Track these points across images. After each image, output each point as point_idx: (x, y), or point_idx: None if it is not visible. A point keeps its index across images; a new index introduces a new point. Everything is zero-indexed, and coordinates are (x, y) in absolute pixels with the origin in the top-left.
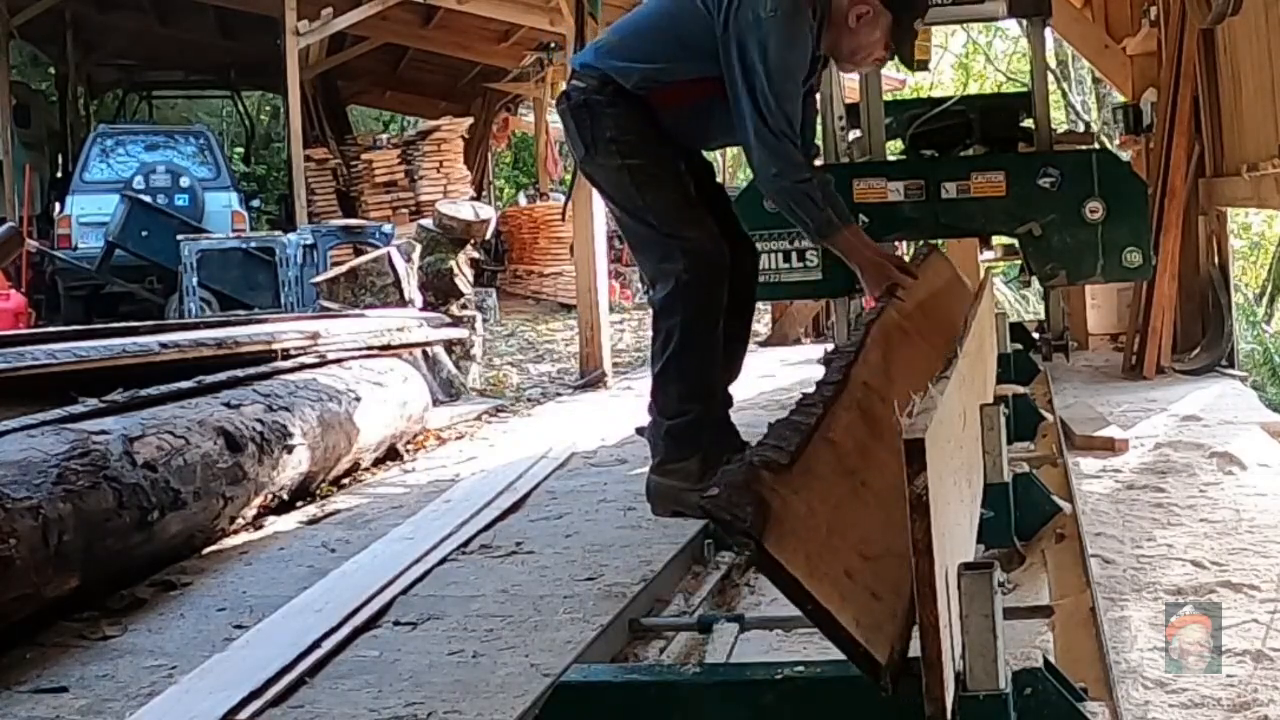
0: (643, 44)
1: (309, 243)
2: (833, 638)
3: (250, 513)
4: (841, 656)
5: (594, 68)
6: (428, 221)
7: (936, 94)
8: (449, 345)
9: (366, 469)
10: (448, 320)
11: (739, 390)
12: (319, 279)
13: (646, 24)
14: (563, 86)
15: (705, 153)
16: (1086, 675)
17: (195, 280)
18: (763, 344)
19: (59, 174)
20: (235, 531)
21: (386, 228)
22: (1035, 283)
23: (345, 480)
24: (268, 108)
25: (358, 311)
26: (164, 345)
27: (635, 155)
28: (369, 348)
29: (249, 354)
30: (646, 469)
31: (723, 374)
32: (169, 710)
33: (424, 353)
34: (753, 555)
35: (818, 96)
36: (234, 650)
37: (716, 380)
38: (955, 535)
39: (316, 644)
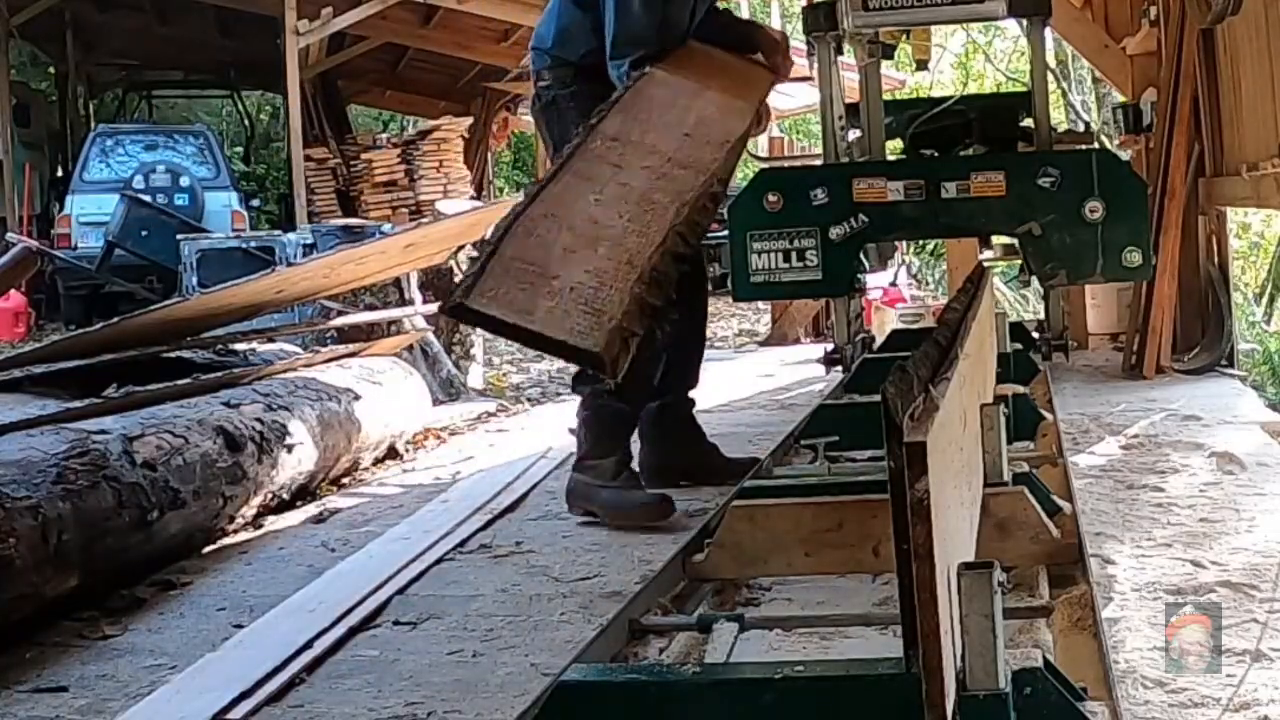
0: (565, 8)
1: (309, 242)
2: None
3: (250, 512)
4: (841, 656)
5: (544, 59)
6: (428, 221)
7: (936, 93)
8: (449, 346)
9: (366, 468)
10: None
11: (739, 390)
12: None
13: None
14: None
15: None
16: (1086, 675)
17: (195, 280)
18: (762, 344)
19: (59, 173)
20: (235, 531)
21: (386, 227)
22: (1035, 282)
23: (345, 480)
24: (268, 107)
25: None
26: None
27: None
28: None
29: None
30: None
31: (677, 380)
32: (160, 709)
33: (423, 351)
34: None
35: None
36: (227, 650)
37: (643, 381)
38: (956, 538)
39: (309, 644)
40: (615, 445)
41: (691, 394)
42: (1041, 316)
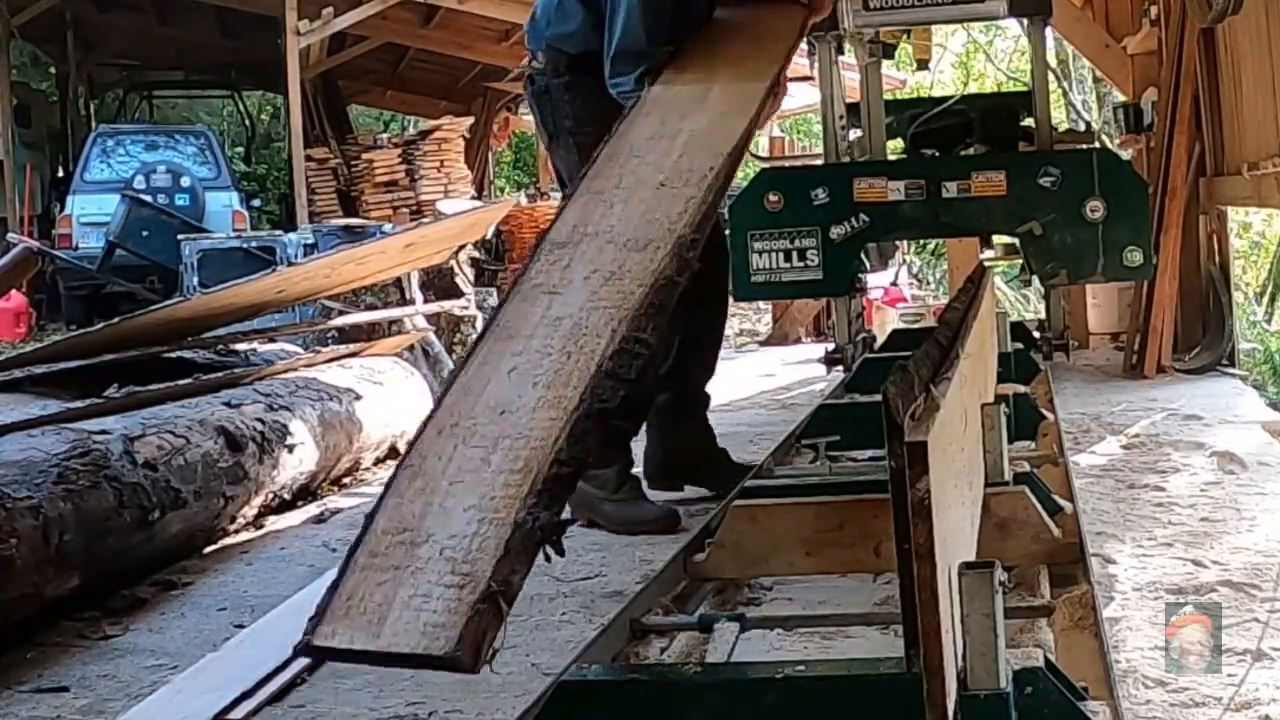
0: (571, 8)
1: (310, 242)
2: None
3: (251, 512)
4: (842, 656)
5: (538, 42)
6: (428, 221)
7: (937, 93)
8: (450, 346)
9: (367, 468)
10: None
11: (739, 389)
12: None
13: None
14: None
15: None
16: (1087, 674)
17: (196, 280)
18: (763, 343)
19: (59, 174)
20: (236, 531)
21: (387, 227)
22: (1036, 282)
23: (346, 479)
24: (268, 107)
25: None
26: None
27: (593, 149)
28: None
29: None
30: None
31: (691, 371)
32: (162, 709)
33: (424, 351)
34: None
35: None
36: (228, 650)
37: (644, 398)
38: (957, 538)
39: None
40: (616, 454)
41: (706, 389)
42: (1042, 316)
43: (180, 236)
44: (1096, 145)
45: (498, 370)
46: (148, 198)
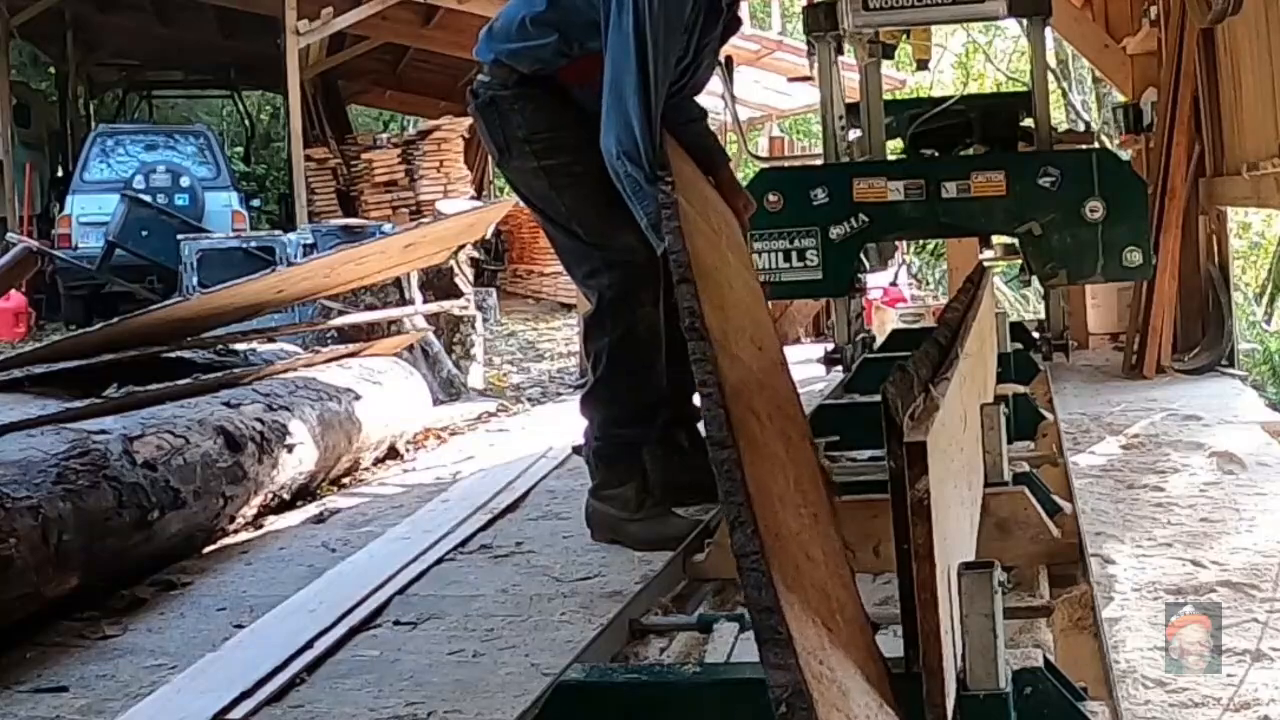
0: (531, 21)
1: (309, 242)
2: None
3: (250, 512)
4: None
5: (489, 54)
6: (428, 221)
7: (936, 93)
8: (450, 346)
9: (366, 468)
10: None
11: None
12: None
13: None
14: None
15: None
16: (1086, 675)
17: (195, 280)
18: None
19: (59, 174)
20: (235, 531)
21: (387, 227)
22: (1035, 282)
23: (345, 479)
24: (268, 107)
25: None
26: None
27: (551, 155)
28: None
29: None
30: None
31: (680, 391)
32: (161, 709)
33: (424, 351)
34: None
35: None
36: (227, 650)
37: (656, 398)
38: (956, 538)
39: (310, 644)
40: (631, 470)
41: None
42: (1042, 316)
43: (180, 236)
44: (1096, 145)
45: (722, 294)
46: (147, 198)
